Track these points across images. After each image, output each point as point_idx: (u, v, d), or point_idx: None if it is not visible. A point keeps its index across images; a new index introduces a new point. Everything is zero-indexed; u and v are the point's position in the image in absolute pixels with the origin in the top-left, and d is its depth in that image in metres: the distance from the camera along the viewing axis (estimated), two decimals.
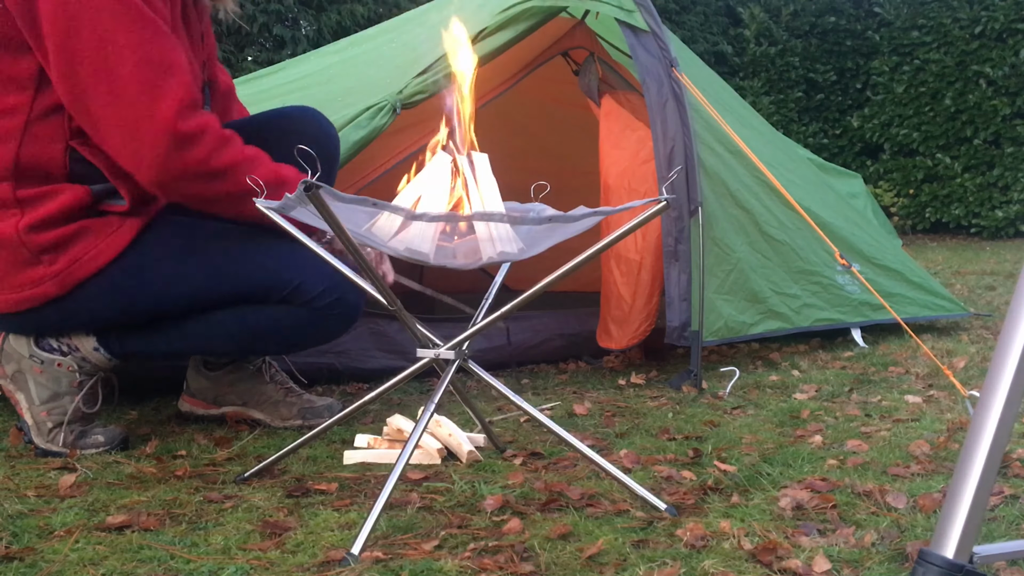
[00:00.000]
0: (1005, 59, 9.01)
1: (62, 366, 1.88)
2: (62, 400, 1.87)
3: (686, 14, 10.39)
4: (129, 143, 1.71)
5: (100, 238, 1.80)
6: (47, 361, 1.87)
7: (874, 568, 1.29)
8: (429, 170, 1.49)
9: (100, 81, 1.66)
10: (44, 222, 1.75)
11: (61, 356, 1.88)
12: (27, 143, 1.74)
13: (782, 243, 2.89)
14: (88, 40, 1.65)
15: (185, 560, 1.32)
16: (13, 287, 1.79)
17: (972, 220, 9.19)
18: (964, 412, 2.18)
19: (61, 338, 1.88)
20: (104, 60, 1.65)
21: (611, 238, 1.47)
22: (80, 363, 1.89)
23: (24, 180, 1.75)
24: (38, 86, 1.72)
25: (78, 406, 1.88)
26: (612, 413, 2.26)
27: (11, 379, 1.88)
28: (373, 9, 7.62)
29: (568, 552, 1.34)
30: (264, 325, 1.90)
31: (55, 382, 1.87)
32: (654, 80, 2.65)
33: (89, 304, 1.83)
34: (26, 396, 1.88)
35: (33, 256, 1.76)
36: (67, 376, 1.88)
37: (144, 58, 1.68)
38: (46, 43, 1.68)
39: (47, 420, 1.87)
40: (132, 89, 1.66)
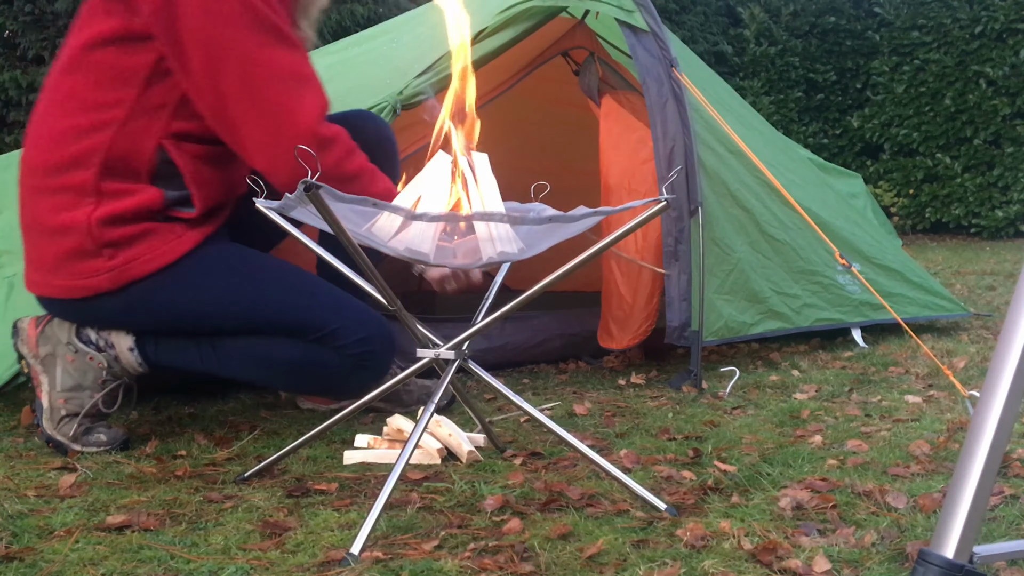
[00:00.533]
0: (1005, 59, 9.01)
1: (93, 360, 1.89)
2: (83, 393, 1.89)
3: (686, 14, 10.39)
4: (269, 147, 1.77)
5: (162, 242, 1.83)
6: (81, 352, 1.89)
7: (874, 568, 1.29)
8: (429, 170, 1.49)
9: (243, 92, 1.73)
10: (115, 218, 1.79)
11: (96, 351, 1.89)
12: (121, 137, 1.76)
13: (782, 243, 2.89)
14: (231, 54, 1.72)
15: (185, 560, 1.32)
16: (70, 274, 1.82)
17: (972, 220, 9.19)
18: (964, 412, 2.18)
19: (101, 332, 1.90)
20: (246, 72, 1.73)
21: (611, 238, 1.48)
22: (111, 362, 1.91)
23: (109, 173, 1.77)
24: (146, 84, 1.76)
25: (96, 403, 1.90)
26: (612, 413, 2.26)
27: (41, 360, 1.90)
28: (373, 9, 7.62)
29: (568, 552, 1.34)
30: (294, 360, 1.91)
31: (82, 374, 1.89)
32: (654, 80, 2.65)
33: (135, 304, 1.85)
34: (50, 380, 1.89)
35: (96, 248, 1.79)
36: (95, 372, 1.90)
37: (284, 69, 1.76)
38: (188, 55, 1.73)
39: (62, 408, 1.88)
40: (274, 98, 1.74)
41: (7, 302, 2.33)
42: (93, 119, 1.76)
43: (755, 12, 10.42)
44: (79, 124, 1.76)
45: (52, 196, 1.79)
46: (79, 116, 1.77)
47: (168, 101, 1.78)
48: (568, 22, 3.05)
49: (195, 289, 1.87)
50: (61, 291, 1.85)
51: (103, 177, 1.77)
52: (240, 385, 2.51)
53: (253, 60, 1.73)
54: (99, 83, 1.76)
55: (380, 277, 1.51)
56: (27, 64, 6.36)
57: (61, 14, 6.30)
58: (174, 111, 1.79)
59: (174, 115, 1.79)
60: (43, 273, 1.86)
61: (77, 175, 1.77)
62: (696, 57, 3.34)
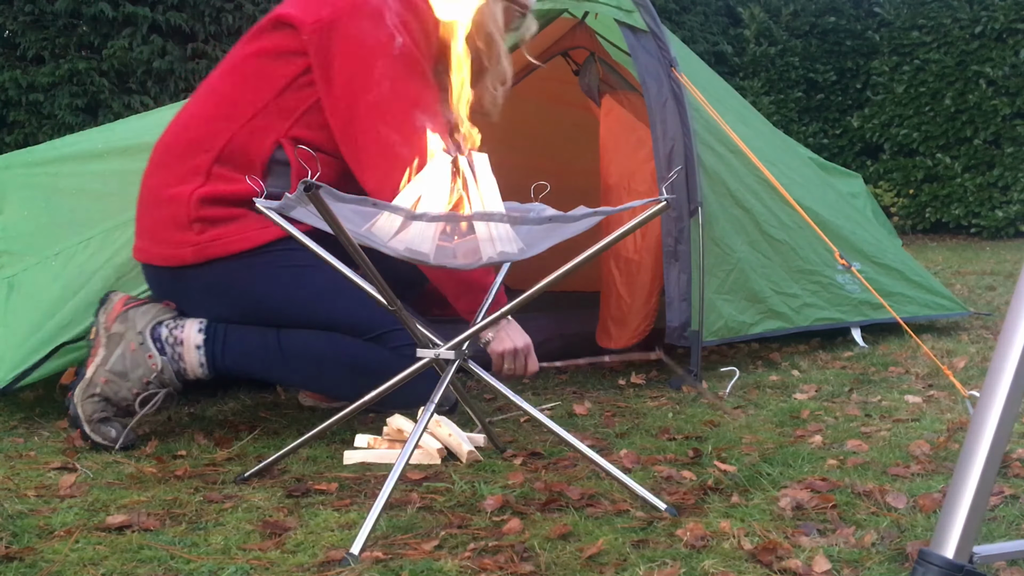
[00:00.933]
0: (1005, 59, 9.01)
1: (151, 359, 1.93)
2: (124, 383, 1.92)
3: (686, 14, 10.38)
4: (381, 170, 1.86)
5: (248, 228, 1.92)
6: (144, 346, 1.93)
7: (874, 568, 1.29)
8: (429, 170, 1.49)
9: (374, 115, 1.83)
10: (214, 198, 1.91)
11: (159, 352, 1.94)
12: (245, 130, 1.92)
13: (782, 242, 2.89)
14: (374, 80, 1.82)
15: (185, 560, 1.32)
16: (163, 242, 1.95)
17: (972, 220, 9.18)
18: (964, 412, 2.18)
19: (174, 329, 1.94)
20: (382, 99, 1.83)
21: (611, 238, 1.48)
22: (166, 367, 1.94)
23: (225, 160, 1.92)
24: (282, 90, 1.93)
25: (131, 400, 1.93)
26: (612, 413, 2.26)
27: (109, 335, 1.95)
28: None
29: (568, 552, 1.34)
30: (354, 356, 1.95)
31: (133, 366, 1.92)
32: (654, 80, 2.65)
33: (214, 284, 1.93)
34: (105, 356, 1.93)
35: (188, 222, 1.92)
36: (144, 369, 1.93)
37: (416, 104, 1.88)
38: (335, 73, 1.86)
39: (99, 386, 1.91)
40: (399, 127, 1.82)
41: (7, 302, 2.33)
42: (225, 112, 1.94)
43: (755, 12, 10.42)
44: (211, 114, 1.95)
45: (169, 171, 1.95)
46: (213, 108, 1.96)
47: (297, 108, 1.93)
48: (568, 22, 3.05)
49: (268, 278, 1.92)
50: (154, 258, 1.98)
51: (218, 162, 1.92)
52: (240, 385, 2.51)
53: (392, 89, 1.86)
54: (243, 85, 1.95)
55: (379, 277, 1.51)
56: (27, 64, 6.36)
57: (61, 14, 6.29)
58: (299, 118, 1.93)
59: (297, 121, 1.94)
60: (144, 240, 2.01)
61: (196, 157, 1.92)
62: (696, 57, 3.34)
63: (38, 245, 2.44)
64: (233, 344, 1.98)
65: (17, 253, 2.45)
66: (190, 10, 6.69)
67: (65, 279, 2.30)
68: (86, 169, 2.62)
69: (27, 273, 2.38)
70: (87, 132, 3.06)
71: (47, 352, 2.14)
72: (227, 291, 1.96)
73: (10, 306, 2.31)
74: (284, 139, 1.93)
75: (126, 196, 2.47)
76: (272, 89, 1.92)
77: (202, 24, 6.75)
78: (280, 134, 1.93)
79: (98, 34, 6.45)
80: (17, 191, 2.62)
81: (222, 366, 1.97)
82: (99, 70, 6.37)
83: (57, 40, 6.31)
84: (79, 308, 2.19)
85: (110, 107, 6.28)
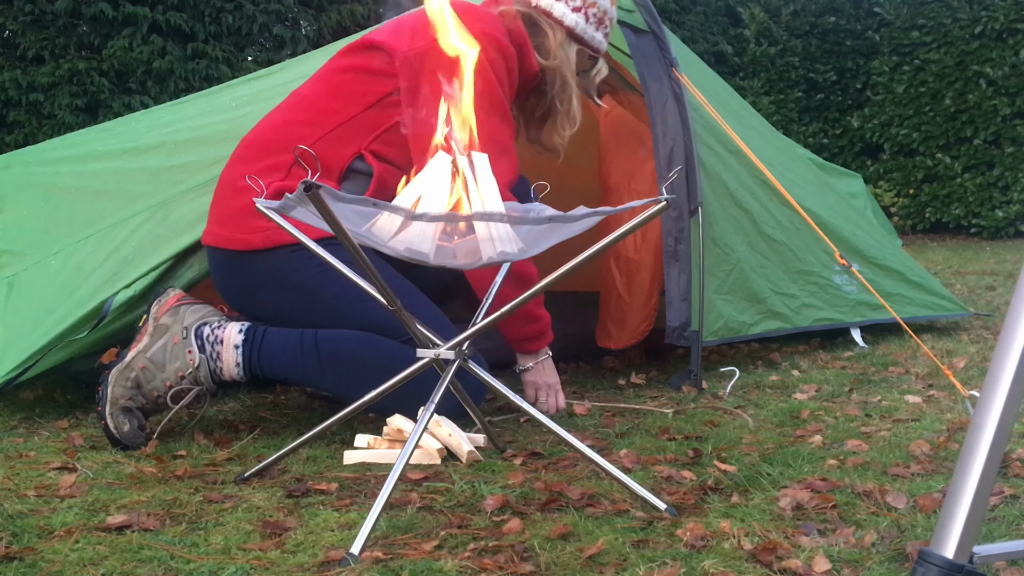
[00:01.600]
0: (1005, 59, 9.01)
1: (191, 355, 1.97)
2: (159, 373, 1.96)
3: (686, 14, 10.39)
4: None
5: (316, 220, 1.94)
6: (186, 342, 1.98)
7: (874, 568, 1.29)
8: (429, 170, 1.49)
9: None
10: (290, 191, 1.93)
11: (199, 350, 1.98)
12: (328, 138, 2.03)
13: (780, 243, 2.89)
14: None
15: (185, 560, 1.32)
16: (235, 227, 2.03)
17: (972, 220, 9.19)
18: (964, 412, 2.18)
19: (216, 329, 1.99)
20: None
21: (611, 238, 1.47)
22: (203, 364, 1.97)
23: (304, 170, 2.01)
24: (369, 106, 2.04)
25: (164, 391, 1.95)
26: (612, 413, 2.26)
27: (157, 325, 1.99)
28: (373, 9, 7.62)
29: (568, 552, 1.34)
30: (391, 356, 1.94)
31: (172, 358, 1.96)
32: (654, 80, 2.65)
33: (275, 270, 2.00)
34: (148, 343, 1.98)
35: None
36: (181, 363, 1.97)
37: (494, 136, 1.99)
38: (421, 100, 1.94)
39: (135, 371, 1.94)
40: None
41: (7, 301, 2.33)
42: (312, 119, 2.05)
43: (755, 12, 10.42)
44: (298, 119, 2.06)
45: (249, 165, 2.04)
46: (301, 114, 2.07)
47: (380, 125, 2.03)
48: None
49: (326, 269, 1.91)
50: (224, 241, 2.05)
51: (298, 164, 2.01)
52: (240, 385, 2.51)
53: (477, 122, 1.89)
54: (333, 95, 2.06)
55: (379, 276, 1.51)
56: (27, 64, 6.36)
57: (61, 14, 6.29)
58: (380, 134, 2.04)
59: (378, 137, 2.05)
60: (216, 225, 2.09)
61: (278, 156, 2.02)
62: (696, 57, 3.34)
63: (38, 244, 2.44)
64: (271, 345, 2.00)
65: (17, 252, 2.45)
66: (190, 10, 6.69)
67: (64, 278, 2.30)
68: (85, 168, 2.62)
69: (27, 272, 2.38)
70: (86, 131, 3.06)
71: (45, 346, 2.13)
72: (287, 278, 2.01)
73: (10, 305, 2.31)
74: (365, 151, 2.04)
75: (125, 195, 2.48)
76: (360, 104, 2.04)
77: (202, 24, 6.75)
78: (361, 146, 2.04)
79: (98, 34, 6.45)
80: (17, 191, 2.63)
81: (258, 368, 2.00)
82: (99, 70, 6.37)
83: (57, 40, 6.31)
84: (78, 306, 2.19)
85: (110, 107, 6.28)
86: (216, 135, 2.57)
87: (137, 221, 2.36)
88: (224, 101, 2.82)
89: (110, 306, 2.16)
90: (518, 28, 2.14)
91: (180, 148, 2.55)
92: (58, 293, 2.26)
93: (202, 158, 2.48)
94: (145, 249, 2.28)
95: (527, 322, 2.16)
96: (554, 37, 2.17)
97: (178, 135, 2.61)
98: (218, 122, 2.65)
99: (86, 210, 2.47)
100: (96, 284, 2.23)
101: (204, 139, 2.57)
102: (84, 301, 2.19)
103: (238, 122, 2.62)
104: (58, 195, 2.56)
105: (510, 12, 2.16)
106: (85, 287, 2.24)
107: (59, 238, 2.42)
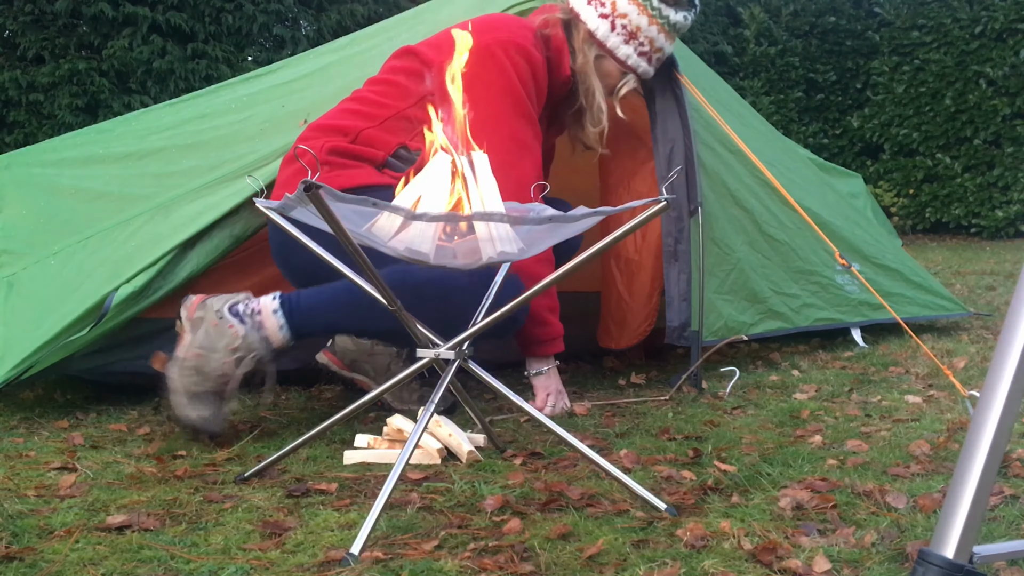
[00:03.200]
0: (1005, 59, 9.01)
1: (232, 328, 2.02)
2: (213, 355, 2.00)
3: None
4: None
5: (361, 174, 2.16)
6: (224, 320, 2.03)
7: (874, 568, 1.29)
8: (429, 170, 1.49)
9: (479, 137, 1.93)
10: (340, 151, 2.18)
11: (239, 323, 2.03)
12: (378, 128, 2.20)
13: (781, 243, 2.89)
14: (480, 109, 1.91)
15: (185, 560, 1.32)
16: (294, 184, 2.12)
17: (972, 220, 9.19)
18: (964, 412, 2.18)
19: (250, 303, 2.05)
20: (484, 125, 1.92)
21: (611, 238, 1.47)
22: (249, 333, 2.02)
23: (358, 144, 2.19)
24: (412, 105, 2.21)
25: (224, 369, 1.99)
26: (612, 413, 2.26)
27: (192, 322, 2.05)
28: (373, 9, 7.62)
29: (568, 552, 1.34)
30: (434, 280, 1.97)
31: (218, 337, 2.01)
32: (655, 80, 2.64)
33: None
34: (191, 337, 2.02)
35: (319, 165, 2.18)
36: (228, 338, 2.01)
37: (514, 135, 2.19)
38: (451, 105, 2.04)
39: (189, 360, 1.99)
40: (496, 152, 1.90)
41: (7, 301, 2.33)
42: (367, 112, 2.23)
43: (755, 12, 10.43)
44: (355, 110, 2.25)
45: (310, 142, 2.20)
46: (358, 106, 2.26)
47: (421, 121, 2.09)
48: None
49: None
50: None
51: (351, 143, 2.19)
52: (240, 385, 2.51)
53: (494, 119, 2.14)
54: (386, 92, 2.26)
55: (379, 276, 1.51)
56: (27, 64, 6.36)
57: (61, 14, 6.29)
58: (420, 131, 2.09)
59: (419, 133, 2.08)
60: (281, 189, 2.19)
61: (335, 137, 2.19)
62: (696, 57, 3.33)
63: (37, 244, 2.44)
64: (309, 296, 2.05)
65: (16, 252, 2.45)
66: (190, 10, 6.70)
67: (64, 278, 2.30)
68: (86, 172, 2.62)
69: (26, 272, 2.38)
70: (85, 131, 3.06)
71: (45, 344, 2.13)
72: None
73: (10, 305, 2.31)
74: (409, 142, 2.19)
75: (125, 196, 2.48)
76: (406, 101, 2.23)
77: (202, 24, 6.75)
78: (405, 139, 2.20)
79: (98, 34, 6.46)
80: (17, 191, 2.63)
81: (302, 324, 2.03)
82: (99, 70, 6.37)
83: (57, 40, 6.32)
84: (78, 305, 2.19)
85: (110, 107, 6.28)
86: (217, 140, 2.58)
87: (138, 223, 2.36)
88: (224, 102, 2.82)
89: (111, 303, 2.16)
90: (558, 34, 2.32)
91: (182, 153, 2.56)
92: (58, 293, 2.26)
93: (204, 163, 2.48)
94: (145, 247, 2.28)
95: (535, 324, 2.22)
96: (579, 37, 2.34)
97: (179, 139, 2.62)
98: (219, 126, 2.66)
99: (86, 211, 2.47)
100: (96, 283, 2.23)
101: (205, 144, 2.57)
102: (84, 300, 2.19)
103: (238, 127, 2.62)
104: (58, 196, 2.56)
105: (553, 19, 2.34)
106: (85, 286, 2.23)
107: (59, 238, 2.42)
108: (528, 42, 2.24)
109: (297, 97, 2.69)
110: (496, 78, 2.17)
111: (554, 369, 2.29)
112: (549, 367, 2.28)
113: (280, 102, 2.68)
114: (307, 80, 2.82)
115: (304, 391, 2.51)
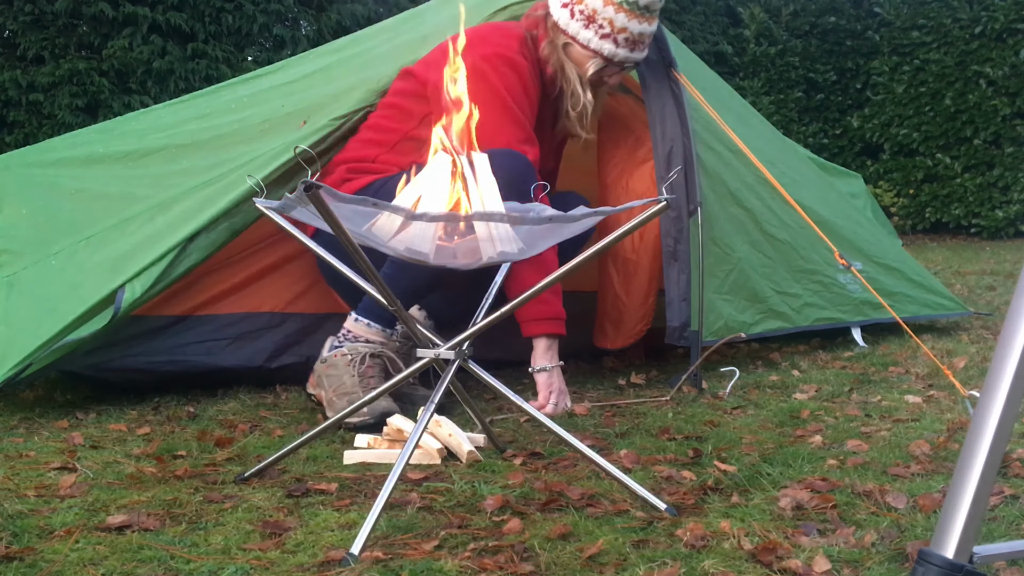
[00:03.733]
0: (1005, 59, 9.01)
1: (336, 355, 2.22)
2: (340, 377, 2.19)
3: (686, 14, 10.38)
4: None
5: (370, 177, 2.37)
6: (327, 358, 2.24)
7: (874, 568, 1.29)
8: (429, 170, 1.49)
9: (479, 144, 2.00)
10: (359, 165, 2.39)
11: (337, 348, 2.25)
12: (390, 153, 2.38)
13: (783, 242, 2.89)
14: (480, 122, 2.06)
15: (185, 560, 1.32)
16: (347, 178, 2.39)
17: (972, 220, 9.18)
18: (964, 412, 2.18)
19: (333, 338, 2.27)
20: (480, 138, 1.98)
21: (611, 238, 1.47)
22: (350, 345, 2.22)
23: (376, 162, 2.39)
24: (418, 123, 2.37)
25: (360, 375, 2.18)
26: (612, 413, 2.26)
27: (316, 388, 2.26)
28: (373, 9, 7.62)
29: (568, 552, 1.34)
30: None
31: (334, 369, 2.21)
32: (654, 80, 2.65)
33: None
34: (325, 392, 2.21)
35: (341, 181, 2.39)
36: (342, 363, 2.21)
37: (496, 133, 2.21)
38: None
39: (333, 399, 2.17)
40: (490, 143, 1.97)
41: (7, 300, 2.33)
42: (379, 139, 2.41)
43: (755, 12, 10.42)
44: (370, 139, 2.43)
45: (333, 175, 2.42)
46: (372, 134, 2.43)
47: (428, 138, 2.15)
48: None
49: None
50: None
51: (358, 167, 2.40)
52: (240, 385, 2.51)
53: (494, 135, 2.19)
54: (392, 116, 2.42)
55: (379, 276, 1.51)
56: (27, 64, 6.36)
57: (61, 14, 6.29)
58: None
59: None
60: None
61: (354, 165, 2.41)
62: (696, 57, 3.33)
63: (38, 244, 2.44)
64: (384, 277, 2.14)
65: (17, 252, 2.45)
66: (190, 10, 6.69)
67: (65, 277, 2.30)
68: (87, 172, 2.62)
69: (27, 271, 2.38)
70: (86, 130, 3.06)
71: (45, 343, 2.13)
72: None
73: (10, 304, 2.31)
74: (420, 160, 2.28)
75: (126, 196, 2.48)
76: (409, 123, 2.39)
77: (202, 24, 6.75)
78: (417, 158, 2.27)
79: (98, 34, 6.45)
80: (17, 190, 2.63)
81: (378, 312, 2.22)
82: (99, 70, 6.37)
83: (57, 40, 6.31)
84: (79, 304, 2.19)
85: (110, 107, 6.28)
86: (217, 140, 2.58)
87: (138, 222, 2.36)
88: (224, 102, 2.82)
89: (120, 302, 2.16)
90: (543, 33, 2.43)
91: (182, 153, 2.56)
92: (58, 292, 2.26)
93: (204, 163, 2.48)
94: (146, 245, 2.28)
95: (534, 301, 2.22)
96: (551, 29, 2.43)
97: (179, 139, 2.62)
98: (218, 126, 2.65)
99: (87, 211, 2.47)
100: (97, 283, 2.23)
101: (205, 144, 2.57)
102: (84, 299, 2.19)
103: (238, 126, 2.62)
104: (58, 196, 2.56)
105: (537, 18, 2.45)
106: (86, 286, 2.23)
107: (59, 238, 2.42)
108: (513, 51, 2.35)
109: (297, 97, 2.68)
110: (487, 97, 2.22)
111: (558, 368, 2.30)
112: (553, 365, 2.29)
113: (280, 102, 2.68)
114: (307, 80, 2.82)
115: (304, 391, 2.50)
